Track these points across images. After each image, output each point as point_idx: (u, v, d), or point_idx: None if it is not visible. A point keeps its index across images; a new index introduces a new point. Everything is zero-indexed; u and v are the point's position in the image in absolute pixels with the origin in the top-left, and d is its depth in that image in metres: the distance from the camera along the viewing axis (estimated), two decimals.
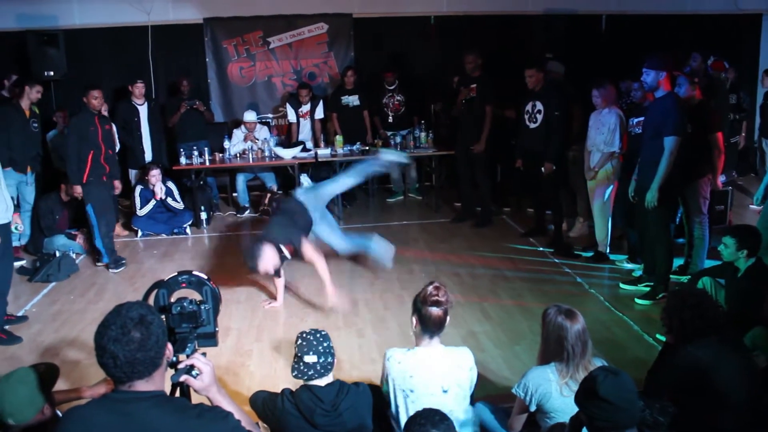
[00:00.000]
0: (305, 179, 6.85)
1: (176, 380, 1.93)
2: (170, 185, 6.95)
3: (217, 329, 2.34)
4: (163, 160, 7.38)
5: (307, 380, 2.63)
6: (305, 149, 7.46)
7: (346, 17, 8.57)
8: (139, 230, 6.94)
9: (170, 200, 6.89)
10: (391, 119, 8.05)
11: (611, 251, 5.75)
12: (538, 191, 6.37)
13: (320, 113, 8.02)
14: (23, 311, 4.99)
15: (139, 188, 6.83)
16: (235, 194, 7.94)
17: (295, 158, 7.26)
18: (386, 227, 6.95)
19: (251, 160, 7.30)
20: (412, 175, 8.33)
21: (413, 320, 2.81)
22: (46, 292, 5.42)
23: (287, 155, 7.26)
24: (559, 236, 6.15)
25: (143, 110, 7.23)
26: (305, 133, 7.99)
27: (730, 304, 3.89)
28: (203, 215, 7.16)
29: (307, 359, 2.61)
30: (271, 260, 4.49)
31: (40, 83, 6.39)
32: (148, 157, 7.25)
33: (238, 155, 7.45)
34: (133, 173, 7.32)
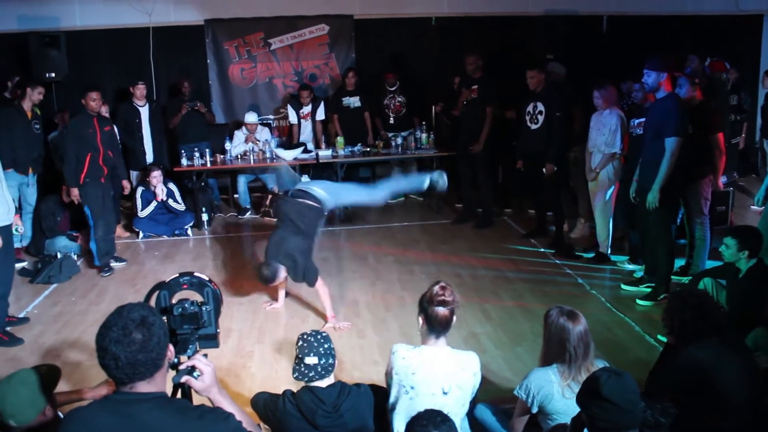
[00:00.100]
0: (306, 180, 6.84)
1: (177, 381, 1.93)
2: (171, 187, 6.95)
3: (218, 331, 2.34)
4: (164, 161, 7.39)
5: (308, 382, 2.63)
6: (306, 150, 7.47)
7: (347, 18, 8.57)
8: (140, 232, 6.95)
9: (171, 202, 6.90)
10: (392, 120, 8.06)
11: (612, 252, 5.74)
12: (539, 192, 6.37)
13: (321, 114, 8.02)
14: (25, 313, 4.99)
15: (140, 190, 6.83)
16: (236, 195, 7.94)
17: (296, 159, 7.27)
18: (387, 228, 6.96)
19: (252, 161, 7.31)
20: None
21: (419, 320, 2.80)
22: (47, 293, 5.42)
23: (288, 156, 7.27)
24: (560, 237, 6.15)
25: (144, 111, 7.23)
26: (306, 134, 8.01)
27: (731, 305, 3.90)
28: (204, 216, 7.17)
29: (308, 361, 2.61)
30: (283, 275, 4.57)
31: (41, 84, 6.38)
32: (149, 158, 7.26)
33: (239, 156, 7.46)
34: (134, 175, 7.31)
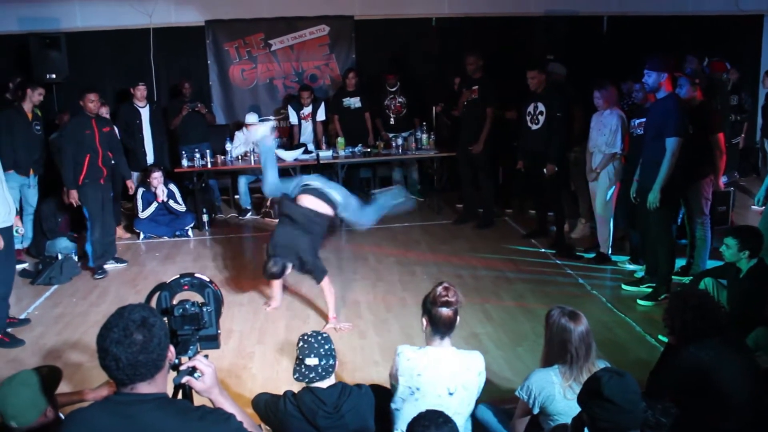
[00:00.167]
0: (319, 179, 6.84)
1: (178, 382, 1.93)
2: (172, 187, 6.95)
3: (219, 331, 2.33)
4: (164, 162, 7.39)
5: (308, 382, 2.63)
6: (307, 151, 7.47)
7: (347, 19, 8.58)
8: (141, 233, 6.95)
9: (172, 202, 6.90)
10: (392, 121, 8.06)
11: (613, 252, 5.74)
12: (539, 192, 6.37)
13: (322, 115, 8.03)
14: (26, 314, 4.99)
15: (141, 191, 6.83)
16: (236, 196, 7.95)
17: (296, 160, 7.27)
18: (388, 229, 6.94)
19: (253, 162, 7.30)
20: (413, 176, 8.33)
21: (423, 321, 2.80)
22: (48, 294, 5.42)
23: (289, 157, 7.27)
24: (561, 237, 6.15)
25: (145, 113, 7.24)
26: (307, 135, 8.01)
27: (732, 305, 3.90)
28: (205, 217, 7.17)
29: (308, 362, 2.61)
30: (289, 271, 4.60)
31: (42, 86, 6.38)
32: (149, 159, 7.26)
33: (239, 157, 7.46)
34: (135, 176, 7.30)
